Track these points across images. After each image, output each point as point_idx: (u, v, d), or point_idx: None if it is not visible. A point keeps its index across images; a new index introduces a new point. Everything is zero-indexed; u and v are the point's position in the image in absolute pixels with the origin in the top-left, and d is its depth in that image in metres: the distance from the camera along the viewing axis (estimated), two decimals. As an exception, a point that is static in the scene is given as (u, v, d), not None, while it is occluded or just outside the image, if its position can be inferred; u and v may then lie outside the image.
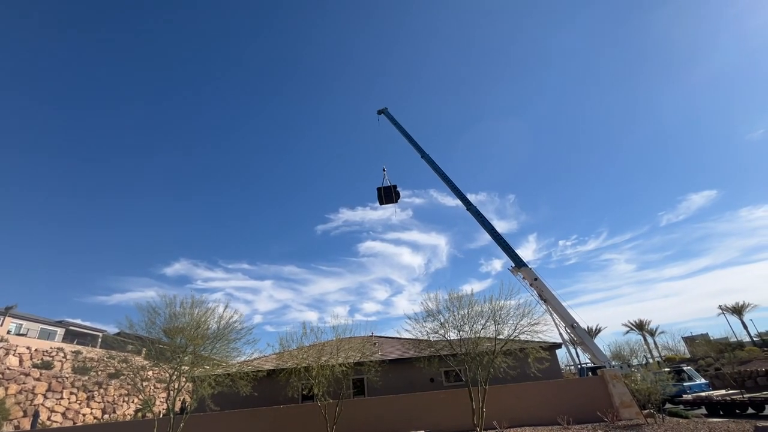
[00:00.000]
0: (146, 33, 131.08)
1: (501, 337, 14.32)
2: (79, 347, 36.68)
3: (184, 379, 13.27)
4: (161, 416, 30.96)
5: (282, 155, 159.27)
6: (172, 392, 12.73)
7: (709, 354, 32.22)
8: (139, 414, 30.29)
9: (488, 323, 14.53)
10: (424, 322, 15.25)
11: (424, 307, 15.35)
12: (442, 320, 14.80)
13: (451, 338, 14.72)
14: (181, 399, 13.04)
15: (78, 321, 44.04)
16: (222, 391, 13.14)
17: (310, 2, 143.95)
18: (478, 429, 13.30)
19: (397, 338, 22.91)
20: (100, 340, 44.71)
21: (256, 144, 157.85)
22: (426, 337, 15.30)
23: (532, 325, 14.39)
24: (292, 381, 13.77)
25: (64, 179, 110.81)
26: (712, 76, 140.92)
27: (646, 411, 15.30)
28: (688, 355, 40.28)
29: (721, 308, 42.61)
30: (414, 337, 15.69)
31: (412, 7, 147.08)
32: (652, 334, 50.91)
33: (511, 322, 14.25)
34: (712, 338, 43.15)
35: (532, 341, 14.94)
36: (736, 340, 39.81)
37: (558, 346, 19.77)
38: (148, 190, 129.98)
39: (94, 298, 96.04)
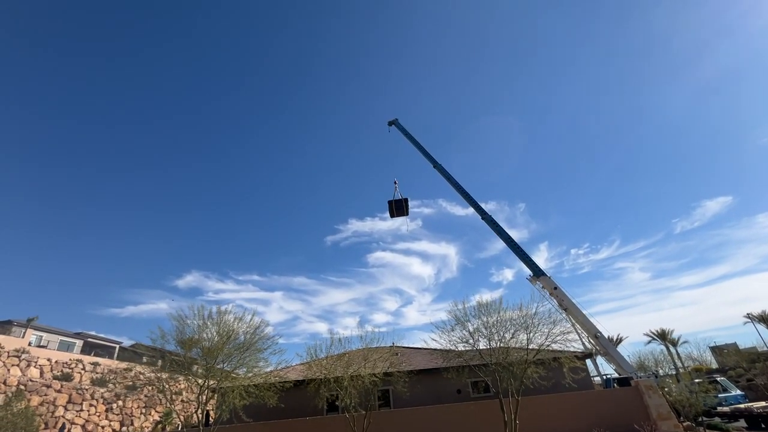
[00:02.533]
0: (154, 45, 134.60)
1: (532, 346, 13.95)
2: (97, 359, 36.83)
3: (211, 392, 13.17)
4: (180, 428, 30.87)
5: (291, 167, 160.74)
6: (201, 404, 12.60)
7: (740, 364, 31.07)
8: (160, 426, 30.16)
9: (518, 332, 14.19)
10: (452, 330, 14.98)
11: (452, 315, 15.08)
12: (471, 329, 14.49)
13: (480, 348, 14.39)
14: (205, 411, 12.89)
15: (92, 332, 44.43)
16: (249, 403, 12.96)
17: (319, 8, 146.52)
18: (511, 442, 12.89)
19: (419, 348, 22.56)
20: (116, 351, 44.95)
21: (266, 155, 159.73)
22: (453, 347, 15.00)
23: (565, 333, 14.03)
24: (322, 392, 13.55)
25: (75, 190, 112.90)
26: (722, 80, 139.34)
27: (685, 423, 14.74)
28: (715, 366, 38.95)
29: (749, 317, 41.35)
30: (442, 347, 15.37)
31: (419, 7, 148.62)
32: (675, 344, 49.44)
33: (545, 329, 13.90)
34: (741, 348, 41.72)
35: (566, 351, 14.52)
36: (766, 349, 38.41)
37: (589, 355, 19.22)
38: (158, 202, 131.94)
39: (107, 311, 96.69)
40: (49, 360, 31.16)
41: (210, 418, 18.09)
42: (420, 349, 22.34)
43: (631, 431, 14.11)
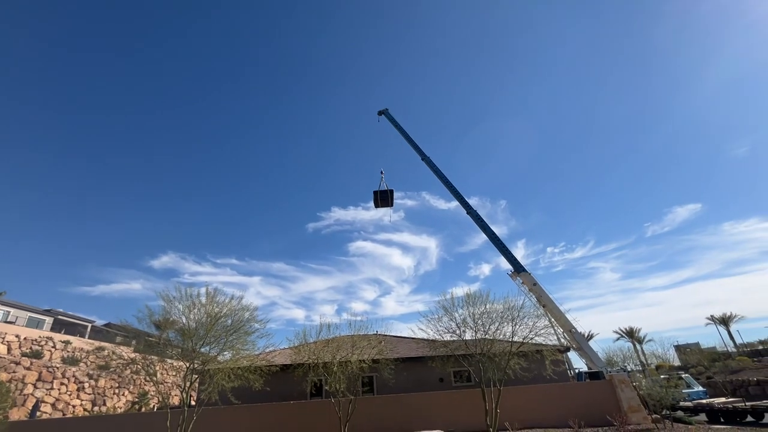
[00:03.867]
0: (149, 30, 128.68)
1: (516, 338, 14.37)
2: (68, 337, 35.69)
3: (196, 374, 13.02)
4: (155, 409, 30.40)
5: (277, 153, 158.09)
6: (186, 385, 12.49)
7: (702, 363, 33.05)
8: (135, 407, 29.66)
9: (504, 323, 14.55)
10: (439, 321, 15.22)
11: (441, 306, 15.34)
12: (459, 320, 14.76)
13: (467, 338, 14.71)
14: (188, 392, 12.79)
15: (61, 310, 42.90)
16: (238, 385, 12.91)
17: (320, 3, 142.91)
18: (491, 430, 13.32)
19: (402, 337, 22.84)
20: (89, 330, 43.69)
21: (252, 141, 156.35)
22: (440, 337, 15.26)
23: (549, 327, 14.49)
24: (310, 376, 13.60)
25: (55, 173, 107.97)
26: (701, 95, 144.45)
27: (653, 416, 15.54)
28: (677, 363, 41.21)
29: (712, 318, 43.80)
30: (427, 337, 15.62)
31: (419, 7, 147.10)
32: (641, 341, 52.03)
33: (530, 322, 14.30)
34: (703, 347, 44.31)
35: (547, 344, 15.02)
36: (726, 350, 40.89)
37: (568, 349, 19.94)
38: (137, 182, 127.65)
39: (77, 289, 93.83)
40: (17, 336, 30.00)
41: (191, 400, 17.93)
42: (403, 337, 22.65)
43: (604, 422, 14.82)
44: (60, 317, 40.82)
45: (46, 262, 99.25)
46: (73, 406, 28.66)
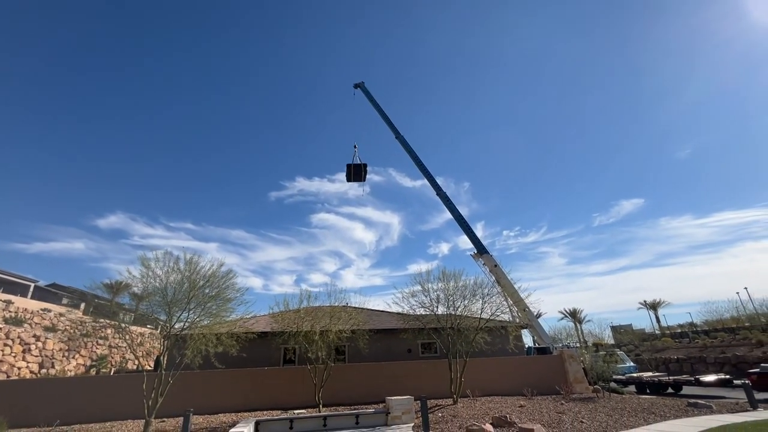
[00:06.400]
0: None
1: (484, 314, 15.48)
2: (9, 296, 33.34)
3: (166, 341, 12.90)
4: (112, 372, 29.59)
5: (243, 117, 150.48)
6: (164, 349, 12.44)
7: (633, 342, 37.07)
8: (92, 370, 28.66)
9: (474, 300, 15.59)
10: (413, 296, 15.99)
11: (417, 281, 16.07)
12: (432, 295, 15.60)
13: (439, 313, 15.61)
14: (162, 357, 12.79)
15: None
16: (218, 351, 12.99)
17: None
18: (455, 396, 14.53)
19: (373, 309, 23.63)
20: (31, 290, 40.88)
21: (218, 103, 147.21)
22: (412, 311, 16.08)
23: (512, 306, 15.70)
24: (291, 344, 13.91)
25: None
26: (655, 97, 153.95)
27: (593, 387, 17.54)
28: (611, 342, 45.87)
29: (644, 304, 48.86)
30: (402, 311, 16.39)
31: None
32: (580, 321, 57.14)
33: (498, 300, 15.41)
34: (635, 329, 49.45)
35: (511, 322, 16.25)
36: (654, 331, 45.97)
37: (526, 326, 21.63)
38: (78, 131, 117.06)
39: (9, 245, 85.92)
40: (-50, 294, 27.63)
41: (163, 364, 17.71)
42: (374, 310, 23.46)
43: (553, 391, 16.55)
44: (-2, 275, 37.79)
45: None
46: (19, 368, 27.24)
